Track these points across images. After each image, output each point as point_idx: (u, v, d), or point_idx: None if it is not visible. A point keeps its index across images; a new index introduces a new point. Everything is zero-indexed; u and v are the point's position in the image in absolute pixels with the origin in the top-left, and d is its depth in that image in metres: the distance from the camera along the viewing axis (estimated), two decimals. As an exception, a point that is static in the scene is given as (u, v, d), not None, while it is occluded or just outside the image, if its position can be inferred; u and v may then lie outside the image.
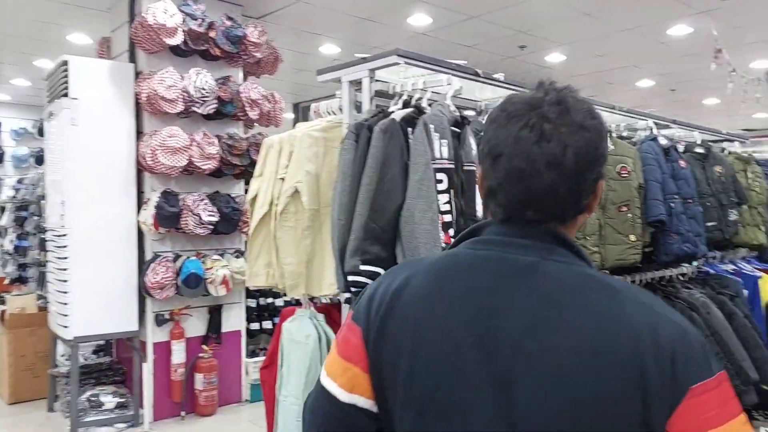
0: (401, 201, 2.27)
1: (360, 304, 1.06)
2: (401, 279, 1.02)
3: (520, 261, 0.96)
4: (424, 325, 0.96)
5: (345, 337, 1.05)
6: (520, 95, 1.02)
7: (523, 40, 6.76)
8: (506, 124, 0.97)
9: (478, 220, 2.52)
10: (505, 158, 0.96)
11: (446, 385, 0.92)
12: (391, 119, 2.38)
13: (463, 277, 0.98)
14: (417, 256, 2.21)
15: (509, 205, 0.98)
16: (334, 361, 1.04)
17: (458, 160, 2.51)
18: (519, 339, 0.91)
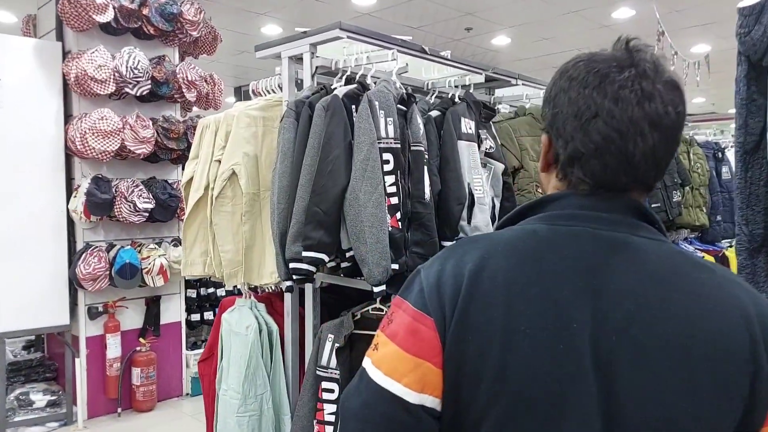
0: (345, 183, 2.14)
1: (421, 291, 0.92)
2: (475, 260, 0.90)
3: (616, 239, 0.89)
4: (518, 312, 0.85)
5: (410, 328, 0.90)
6: (599, 53, 0.94)
7: (469, 22, 6.69)
8: (599, 84, 0.89)
9: (426, 203, 2.41)
10: (601, 120, 0.88)
11: (545, 375, 0.83)
12: (334, 95, 2.24)
13: (555, 257, 0.88)
14: (362, 241, 2.09)
15: (603, 172, 0.90)
16: (395, 357, 0.89)
17: (405, 139, 2.39)
18: (625, 324, 0.83)
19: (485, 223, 2.74)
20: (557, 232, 0.91)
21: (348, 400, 0.94)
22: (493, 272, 0.89)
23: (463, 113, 2.78)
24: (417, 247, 2.40)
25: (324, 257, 2.17)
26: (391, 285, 2.28)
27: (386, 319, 0.96)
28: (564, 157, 0.93)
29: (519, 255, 0.90)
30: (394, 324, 0.92)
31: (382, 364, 0.90)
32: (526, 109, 3.32)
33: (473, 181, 2.70)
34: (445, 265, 0.93)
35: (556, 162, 0.96)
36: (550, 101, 0.96)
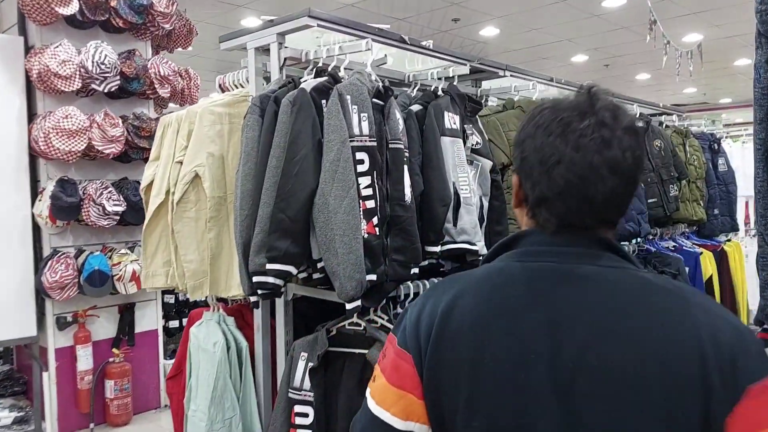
0: (314, 186, 1.92)
1: (404, 329, 1.02)
2: (448, 299, 0.99)
3: (576, 271, 0.95)
4: (483, 346, 0.93)
5: (393, 363, 1.00)
6: (564, 101, 0.99)
7: (456, 12, 6.47)
8: (562, 132, 0.94)
9: (407, 205, 2.20)
10: (564, 167, 0.94)
11: (511, 405, 0.90)
12: (301, 89, 2.02)
13: (518, 292, 0.96)
14: (333, 251, 1.87)
15: (567, 214, 0.96)
16: (384, 389, 1.00)
17: (382, 137, 2.18)
18: (581, 351, 0.89)
19: (472, 225, 2.53)
20: (523, 269, 0.98)
21: (354, 422, 1.04)
22: (462, 310, 0.96)
23: (447, 107, 2.57)
24: (397, 254, 2.19)
25: (291, 269, 1.95)
26: (368, 297, 2.07)
27: (382, 353, 1.04)
28: (532, 198, 0.99)
29: (486, 292, 0.97)
30: (386, 359, 1.02)
31: (376, 393, 1.01)
32: (514, 102, 3.11)
33: (459, 180, 2.49)
34: (426, 304, 1.01)
35: (525, 201, 1.02)
36: (519, 145, 1.01)
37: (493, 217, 2.76)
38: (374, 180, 2.07)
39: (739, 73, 11.13)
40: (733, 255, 5.11)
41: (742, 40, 8.47)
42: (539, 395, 0.88)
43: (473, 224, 2.53)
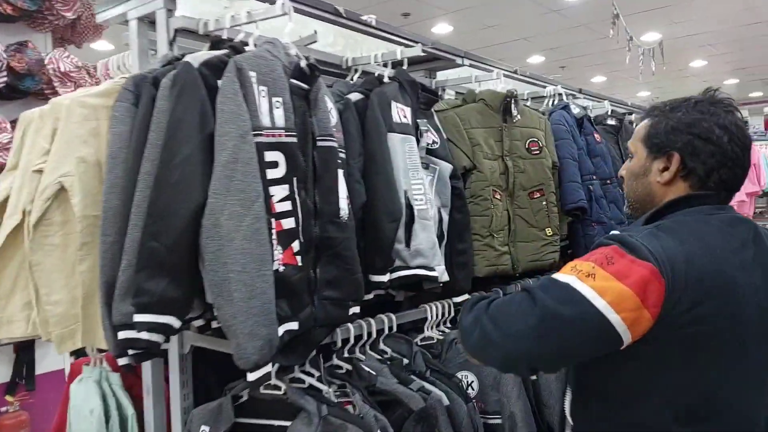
0: (201, 199, 1.33)
1: (655, 258, 1.11)
2: (684, 248, 1.15)
3: (750, 223, 1.29)
4: (727, 279, 1.16)
5: (643, 279, 1.10)
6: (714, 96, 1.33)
7: (406, 6, 5.96)
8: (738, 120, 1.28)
9: (342, 223, 1.63)
10: (734, 143, 1.26)
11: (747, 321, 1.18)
12: (184, 64, 1.43)
13: (730, 236, 1.22)
14: (227, 296, 1.28)
15: (734, 180, 1.28)
16: (624, 295, 1.09)
17: (307, 131, 1.61)
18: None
19: (430, 244, 1.98)
20: (720, 220, 1.24)
21: (532, 307, 1.16)
22: (703, 256, 1.15)
23: (395, 96, 2.02)
24: (331, 290, 1.62)
25: (172, 321, 1.35)
26: (289, 353, 1.49)
27: (602, 257, 1.15)
28: (704, 169, 1.26)
29: (708, 240, 1.19)
30: (620, 267, 1.12)
31: (607, 294, 1.10)
32: (475, 94, 2.58)
33: (412, 189, 1.94)
34: (663, 243, 1.14)
35: (686, 176, 1.28)
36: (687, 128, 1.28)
37: (455, 232, 2.22)
38: (294, 190, 1.49)
39: (693, 76, 10.97)
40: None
41: (700, 40, 8.22)
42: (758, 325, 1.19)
43: (431, 243, 1.99)
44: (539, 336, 1.14)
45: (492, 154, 2.45)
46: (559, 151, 2.76)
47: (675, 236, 1.16)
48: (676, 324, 1.11)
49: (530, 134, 2.61)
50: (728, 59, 9.63)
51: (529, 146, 2.59)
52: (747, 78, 11.36)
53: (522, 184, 2.53)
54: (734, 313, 1.15)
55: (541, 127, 2.70)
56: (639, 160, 1.34)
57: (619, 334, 1.10)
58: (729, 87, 12.20)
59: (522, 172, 2.54)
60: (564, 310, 1.12)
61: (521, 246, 2.51)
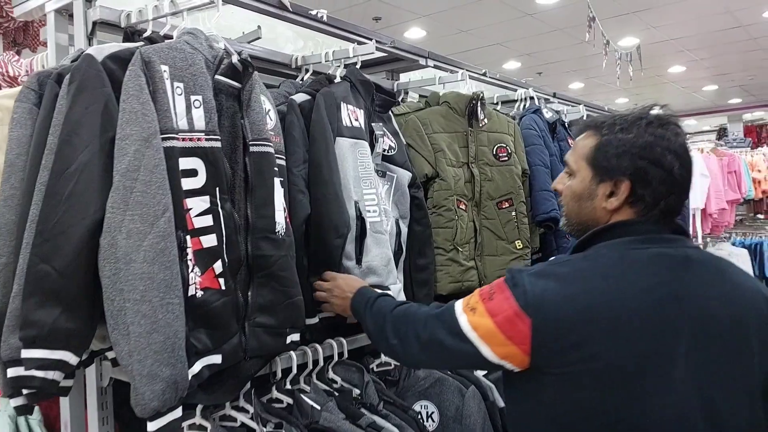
0: (99, 215, 1.14)
1: (525, 294, 1.15)
2: (579, 287, 1.16)
3: (683, 254, 1.21)
4: (625, 320, 1.14)
5: (509, 318, 1.15)
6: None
7: (376, 9, 5.79)
8: (685, 143, 1.24)
9: (279, 239, 1.45)
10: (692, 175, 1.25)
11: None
12: (86, 57, 1.23)
13: (646, 275, 1.18)
14: (122, 329, 1.09)
15: (676, 204, 1.23)
16: (492, 332, 1.16)
17: (237, 135, 1.43)
18: (701, 315, 1.17)
19: (384, 260, 1.81)
20: (644, 255, 1.19)
21: (425, 327, 1.28)
22: (598, 294, 1.15)
23: (345, 97, 1.84)
24: (265, 316, 1.44)
25: (68, 357, 1.15)
26: (212, 390, 1.30)
27: (487, 291, 1.22)
28: (651, 198, 1.21)
29: (615, 278, 1.16)
30: (495, 304, 1.18)
31: (479, 329, 1.18)
32: (439, 97, 2.41)
33: (364, 199, 1.77)
34: (549, 283, 1.16)
35: (634, 203, 1.22)
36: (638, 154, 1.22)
37: (415, 247, 2.04)
38: (217, 201, 1.31)
39: (671, 82, 10.92)
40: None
41: (678, 45, 8.14)
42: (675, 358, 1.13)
43: (385, 259, 1.81)
44: (427, 353, 1.31)
45: (456, 160, 2.28)
46: (529, 158, 2.60)
47: (569, 277, 1.17)
48: (564, 360, 1.12)
49: (498, 139, 2.44)
50: (707, 65, 9.57)
51: (497, 152, 2.42)
52: (726, 84, 11.33)
53: (489, 194, 2.36)
54: (630, 352, 1.12)
55: (510, 131, 2.53)
56: (582, 180, 1.27)
57: (493, 363, 1.19)
58: (708, 93, 12.18)
59: (489, 180, 2.37)
60: (446, 339, 1.23)
61: (489, 260, 2.33)
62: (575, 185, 1.28)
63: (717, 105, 13.50)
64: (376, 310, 1.45)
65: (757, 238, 6.53)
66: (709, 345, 1.14)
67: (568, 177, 1.32)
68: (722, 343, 1.15)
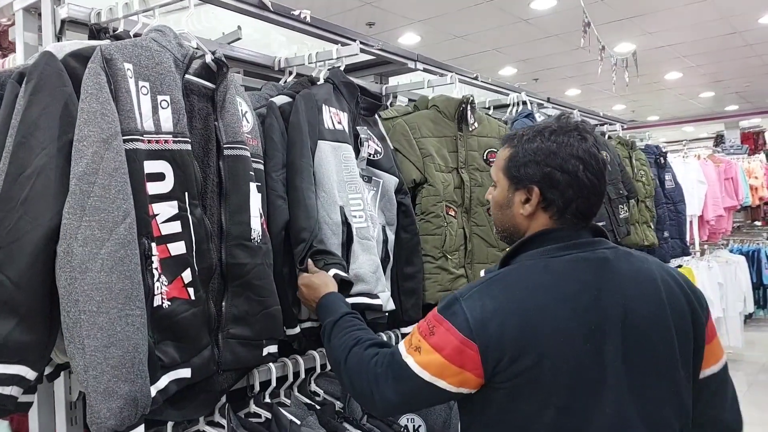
0: (56, 222, 1.07)
1: (467, 322, 1.17)
2: (510, 300, 1.19)
3: (599, 256, 1.26)
4: (558, 329, 1.17)
5: (456, 348, 1.16)
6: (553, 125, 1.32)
7: (370, 14, 5.74)
8: (590, 147, 1.28)
9: (255, 246, 1.38)
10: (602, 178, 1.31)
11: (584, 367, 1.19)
12: (45, 54, 1.17)
13: (570, 282, 1.23)
14: (78, 340, 1.02)
15: (589, 208, 1.29)
16: (442, 366, 1.18)
17: (210, 137, 1.37)
18: (624, 315, 1.21)
19: (372, 268, 1.74)
20: (564, 262, 1.24)
21: (378, 387, 1.25)
22: (530, 306, 1.19)
23: (327, 99, 1.78)
24: (239, 327, 1.37)
25: (24, 372, 1.08)
26: (184, 406, 1.23)
27: (426, 327, 1.23)
28: (561, 201, 1.26)
29: (544, 288, 1.21)
30: (438, 338, 1.19)
31: (429, 367, 1.19)
32: (428, 101, 2.35)
33: (350, 204, 1.70)
34: (485, 304, 1.18)
35: (546, 208, 1.28)
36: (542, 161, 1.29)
37: (403, 254, 1.97)
38: (186, 207, 1.24)
39: (668, 88, 10.89)
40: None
41: (674, 51, 8.10)
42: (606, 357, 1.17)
43: (373, 267, 1.75)
44: (395, 406, 1.29)
45: (445, 165, 2.22)
46: (521, 163, 2.53)
47: (501, 294, 1.20)
48: (508, 374, 1.16)
49: (489, 144, 2.38)
50: (704, 71, 9.54)
51: (487, 157, 2.36)
52: (723, 91, 11.30)
53: (480, 199, 2.30)
54: (565, 358, 1.16)
55: (501, 136, 2.47)
56: (502, 190, 1.35)
57: (453, 393, 1.20)
58: (705, 100, 12.15)
59: (480, 185, 2.30)
60: (403, 389, 1.23)
61: (479, 268, 2.26)
62: (497, 195, 1.36)
63: (714, 112, 13.48)
64: (334, 347, 1.39)
65: (754, 245, 6.48)
66: (634, 344, 1.18)
67: (494, 188, 1.39)
68: (646, 339, 1.19)
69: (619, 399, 1.16)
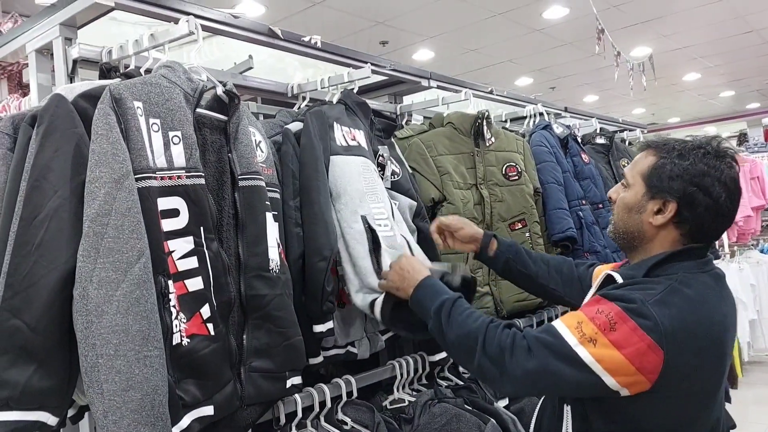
0: (72, 264, 1.06)
1: (658, 328, 1.17)
2: (688, 310, 1.22)
3: (721, 273, 1.35)
4: (723, 338, 1.27)
5: (640, 350, 1.16)
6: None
7: (383, 33, 5.75)
8: (736, 175, 1.34)
9: (273, 277, 1.36)
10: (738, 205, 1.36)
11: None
12: (56, 97, 1.17)
13: (717, 294, 1.31)
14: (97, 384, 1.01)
15: (717, 235, 1.35)
16: (621, 364, 1.16)
17: (224, 170, 1.35)
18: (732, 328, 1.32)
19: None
20: (710, 277, 1.31)
21: (531, 356, 1.23)
22: (705, 317, 1.23)
23: (338, 118, 1.77)
24: (262, 360, 1.35)
25: (45, 418, 1.07)
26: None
27: (605, 321, 1.19)
28: (695, 222, 1.30)
29: (711, 302, 1.26)
30: (620, 336, 1.17)
31: (605, 362, 1.17)
32: (443, 118, 2.33)
33: (372, 213, 1.65)
34: (673, 313, 1.19)
35: (680, 224, 1.31)
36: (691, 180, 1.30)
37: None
38: (202, 242, 1.23)
39: (687, 90, 10.75)
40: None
41: (691, 52, 8.00)
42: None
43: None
44: (534, 382, 1.26)
45: (464, 182, 2.19)
46: (541, 176, 2.50)
47: (686, 306, 1.21)
48: (676, 383, 1.19)
49: (507, 158, 2.35)
50: (722, 71, 9.42)
51: (506, 172, 2.33)
52: (743, 89, 11.14)
53: (501, 215, 2.26)
54: (719, 364, 1.26)
55: (520, 149, 2.44)
56: (635, 194, 1.35)
57: (615, 391, 1.19)
58: (725, 99, 11.98)
59: (500, 201, 2.27)
60: (564, 369, 1.20)
61: (504, 285, 2.22)
62: (628, 197, 1.36)
63: (735, 111, 13.27)
64: (461, 322, 1.34)
65: (785, 244, 6.32)
66: (727, 359, 1.30)
67: (623, 189, 1.39)
68: (729, 356, 1.31)
69: (720, 408, 1.31)
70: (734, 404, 4.01)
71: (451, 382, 2.03)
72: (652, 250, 1.33)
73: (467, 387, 1.98)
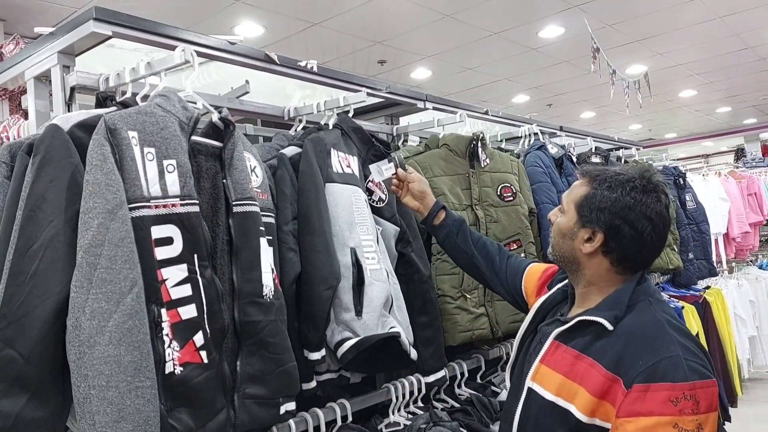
0: (65, 295, 1.07)
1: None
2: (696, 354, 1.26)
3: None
4: None
5: (716, 393, 1.21)
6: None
7: (380, 53, 5.79)
8: (663, 210, 1.38)
9: (267, 302, 1.37)
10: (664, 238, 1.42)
11: None
12: (51, 127, 1.18)
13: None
14: (89, 415, 1.01)
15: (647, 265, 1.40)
16: (714, 419, 1.20)
17: (218, 196, 1.36)
18: None
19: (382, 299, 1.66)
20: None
21: None
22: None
23: (335, 144, 1.78)
24: (255, 386, 1.35)
25: (37, 449, 1.07)
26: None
27: (691, 404, 1.17)
28: (621, 253, 1.36)
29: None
30: (705, 399, 1.18)
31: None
32: (438, 140, 2.35)
33: (362, 245, 1.67)
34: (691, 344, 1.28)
35: (618, 261, 1.36)
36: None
37: (415, 304, 1.87)
38: (196, 269, 1.23)
39: (683, 106, 10.81)
40: (716, 305, 4.42)
41: (686, 69, 8.06)
42: None
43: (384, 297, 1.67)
44: None
45: (459, 203, 2.20)
46: (536, 196, 2.51)
47: (693, 347, 1.26)
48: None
49: (502, 179, 2.36)
50: (718, 87, 9.47)
51: (501, 192, 2.34)
52: (739, 105, 11.20)
53: (496, 236, 2.27)
54: None
55: (514, 170, 2.46)
56: (569, 221, 1.40)
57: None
58: (722, 115, 12.04)
59: (495, 221, 2.28)
60: None
61: (500, 305, 2.22)
62: (563, 223, 1.42)
63: (732, 126, 13.34)
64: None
65: (784, 260, 6.32)
66: None
67: (560, 213, 1.44)
68: None
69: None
70: (735, 422, 4.00)
71: (447, 404, 2.03)
72: (587, 276, 1.39)
73: (463, 410, 1.98)
